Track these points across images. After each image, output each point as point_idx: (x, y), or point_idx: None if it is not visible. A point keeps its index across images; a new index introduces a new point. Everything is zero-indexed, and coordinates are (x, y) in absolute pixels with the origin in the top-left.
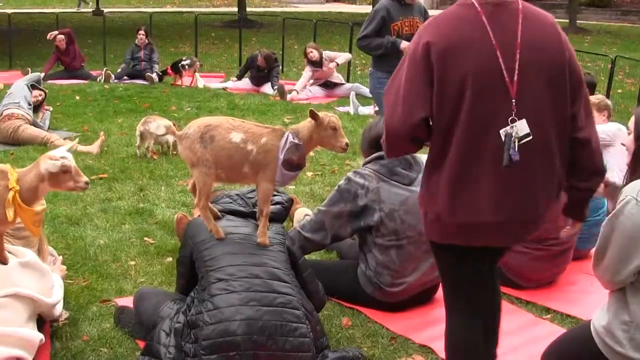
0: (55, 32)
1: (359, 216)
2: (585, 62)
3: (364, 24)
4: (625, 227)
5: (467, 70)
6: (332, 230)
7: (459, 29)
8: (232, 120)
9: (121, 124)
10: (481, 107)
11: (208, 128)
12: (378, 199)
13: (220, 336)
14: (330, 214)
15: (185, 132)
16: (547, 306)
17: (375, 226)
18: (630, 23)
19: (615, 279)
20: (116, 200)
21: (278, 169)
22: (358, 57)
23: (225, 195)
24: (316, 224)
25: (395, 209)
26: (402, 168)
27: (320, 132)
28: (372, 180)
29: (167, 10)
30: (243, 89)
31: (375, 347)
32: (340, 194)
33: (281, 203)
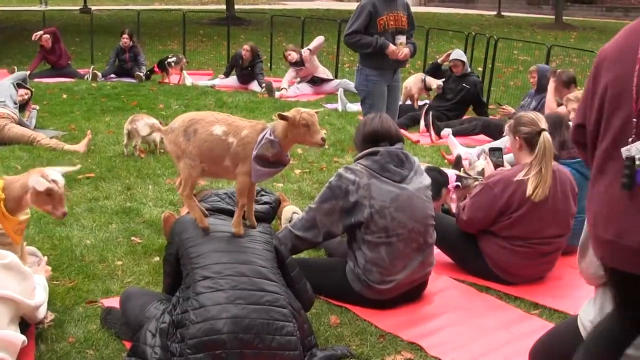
0: (40, 33)
1: (350, 213)
2: (572, 58)
3: (350, 20)
4: None
5: (607, 82)
6: (324, 228)
7: (620, 41)
8: (217, 114)
9: (108, 122)
10: (612, 121)
11: (192, 122)
12: (369, 195)
13: (206, 335)
14: (321, 211)
15: (170, 126)
16: (535, 301)
17: (365, 222)
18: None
19: (598, 273)
20: (103, 199)
21: (252, 163)
22: (346, 53)
23: (213, 193)
24: (308, 222)
25: (385, 205)
26: (394, 165)
27: (293, 130)
28: (363, 176)
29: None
30: (231, 86)
31: (364, 345)
32: (332, 190)
33: (269, 203)
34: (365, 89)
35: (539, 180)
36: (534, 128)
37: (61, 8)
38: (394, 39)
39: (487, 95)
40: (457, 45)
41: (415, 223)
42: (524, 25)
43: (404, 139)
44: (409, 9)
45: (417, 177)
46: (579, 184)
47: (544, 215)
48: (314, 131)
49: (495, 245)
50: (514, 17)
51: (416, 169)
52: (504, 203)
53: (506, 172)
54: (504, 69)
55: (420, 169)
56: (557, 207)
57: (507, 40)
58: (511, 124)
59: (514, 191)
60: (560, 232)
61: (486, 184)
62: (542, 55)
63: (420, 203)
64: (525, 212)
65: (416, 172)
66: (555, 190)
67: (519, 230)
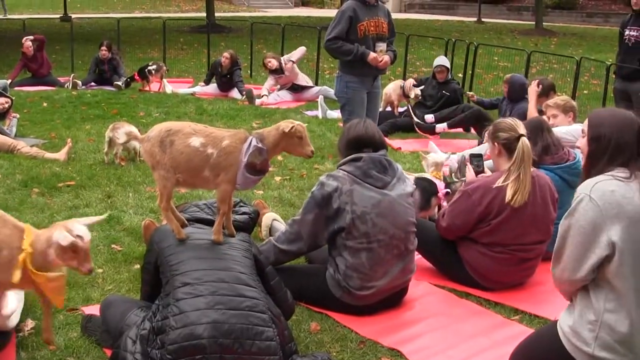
0: (30, 37)
1: (332, 219)
2: (552, 64)
3: (331, 25)
4: (580, 224)
5: None
6: (310, 240)
7: None
8: (195, 125)
9: (89, 130)
10: None
11: (169, 132)
12: (350, 201)
13: (186, 340)
14: (306, 223)
15: (147, 135)
16: (515, 307)
17: (347, 228)
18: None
19: (573, 277)
20: (83, 207)
21: (240, 171)
22: (326, 60)
23: (192, 204)
24: (292, 235)
25: (367, 211)
26: (376, 171)
27: (287, 140)
28: (345, 182)
29: (135, 16)
30: (211, 94)
31: (344, 352)
32: (314, 200)
33: (248, 214)
34: (345, 95)
35: (518, 186)
36: (512, 134)
37: (41, 16)
38: (375, 45)
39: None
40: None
41: (396, 229)
42: (505, 31)
43: (387, 146)
44: (390, 15)
45: (400, 184)
46: (561, 190)
47: (523, 221)
48: (306, 142)
49: (475, 252)
50: (495, 24)
51: (399, 175)
52: (482, 210)
53: (485, 179)
54: (484, 75)
55: (403, 176)
56: (536, 212)
57: (487, 46)
58: (490, 131)
59: (493, 198)
60: (541, 238)
61: (465, 190)
62: (523, 62)
63: (402, 209)
64: (505, 218)
65: (399, 178)
66: (535, 196)
67: (499, 236)
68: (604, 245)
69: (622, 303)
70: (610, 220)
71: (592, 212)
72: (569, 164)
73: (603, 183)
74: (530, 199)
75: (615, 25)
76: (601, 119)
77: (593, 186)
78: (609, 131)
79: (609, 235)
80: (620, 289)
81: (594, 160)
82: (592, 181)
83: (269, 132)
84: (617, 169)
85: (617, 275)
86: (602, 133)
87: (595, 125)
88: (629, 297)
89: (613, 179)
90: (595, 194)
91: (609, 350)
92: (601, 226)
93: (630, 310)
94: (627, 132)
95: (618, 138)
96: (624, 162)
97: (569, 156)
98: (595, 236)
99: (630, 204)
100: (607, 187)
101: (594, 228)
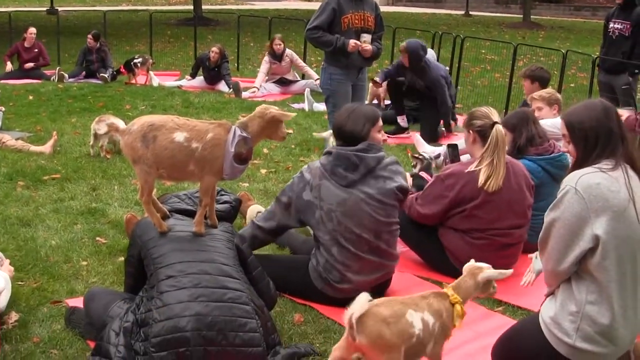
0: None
1: (303, 211)
2: (539, 57)
3: (314, 15)
4: (564, 216)
5: None
6: (282, 220)
7: None
8: (177, 119)
9: (75, 123)
10: None
11: (151, 127)
12: (319, 196)
13: (170, 332)
14: (280, 204)
15: (128, 128)
16: (498, 299)
17: (316, 224)
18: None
19: (557, 269)
20: (68, 200)
21: (228, 162)
22: (313, 53)
23: (173, 195)
24: (269, 214)
25: (332, 209)
26: (342, 169)
27: (270, 126)
28: (315, 176)
29: (122, 9)
30: (198, 87)
31: (327, 343)
32: (291, 185)
33: (229, 202)
34: (330, 87)
35: (491, 171)
36: (486, 121)
37: (27, 9)
38: (359, 38)
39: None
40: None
41: (362, 229)
42: (492, 24)
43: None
44: (378, 9)
45: (377, 181)
46: (545, 182)
47: (499, 205)
48: (283, 126)
49: (455, 239)
50: (482, 17)
51: (378, 173)
52: (455, 195)
53: (458, 165)
54: (472, 68)
55: (387, 172)
56: (512, 197)
57: (474, 39)
58: (465, 119)
59: (466, 183)
60: (518, 223)
61: (438, 176)
62: (510, 54)
63: (371, 209)
64: (480, 203)
65: (377, 175)
66: (510, 182)
67: (476, 222)
68: (588, 238)
69: (603, 295)
70: (595, 213)
71: (578, 204)
72: (552, 155)
73: (589, 176)
74: (506, 184)
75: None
76: (580, 117)
77: (579, 179)
78: (594, 126)
79: (594, 228)
80: (601, 281)
81: (586, 156)
82: (578, 173)
83: (252, 121)
84: (603, 161)
85: (598, 268)
86: (587, 131)
87: (578, 125)
88: (610, 289)
89: (599, 171)
90: (581, 186)
91: (590, 342)
92: (586, 219)
93: (612, 302)
94: (609, 120)
95: (603, 129)
96: (612, 150)
97: (554, 148)
98: (580, 229)
99: (616, 198)
100: (592, 180)
101: (578, 220)
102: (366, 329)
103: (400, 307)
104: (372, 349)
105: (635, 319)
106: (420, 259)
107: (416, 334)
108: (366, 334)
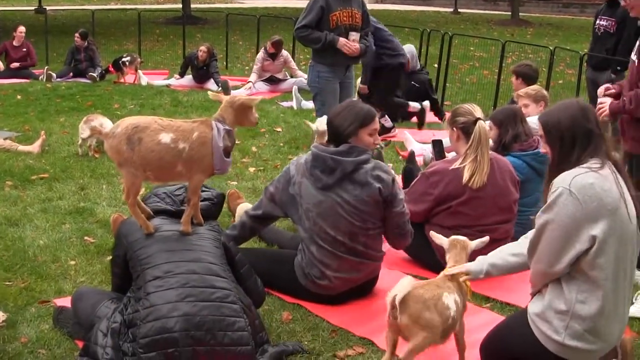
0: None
1: (287, 205)
2: (528, 54)
3: (302, 13)
4: (559, 218)
5: None
6: (267, 209)
7: None
8: (161, 120)
9: (63, 122)
10: None
11: (136, 129)
12: (299, 193)
13: (158, 333)
14: (267, 194)
15: (112, 130)
16: (486, 295)
17: (298, 220)
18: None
19: (549, 270)
20: (57, 199)
21: (217, 157)
22: (302, 51)
23: (152, 194)
24: (259, 202)
25: (309, 208)
26: (319, 171)
27: (242, 113)
28: (299, 172)
29: (110, 8)
30: (187, 85)
31: (315, 341)
32: (279, 178)
33: (210, 199)
34: (317, 85)
35: (475, 168)
36: (469, 118)
37: (15, 8)
38: (347, 36)
39: (442, 92)
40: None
41: (337, 232)
42: (481, 21)
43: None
44: (365, 6)
45: (355, 187)
46: (529, 177)
47: (485, 201)
48: (253, 111)
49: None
50: (471, 14)
51: (357, 178)
52: (440, 192)
53: (442, 162)
54: (460, 66)
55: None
56: (497, 193)
57: (463, 36)
58: (449, 117)
59: (450, 180)
60: (504, 218)
61: (422, 173)
62: (498, 52)
63: (346, 214)
64: (466, 199)
65: (354, 181)
66: (495, 178)
67: (462, 218)
68: (585, 239)
69: (595, 293)
70: (591, 214)
71: (573, 206)
72: (536, 151)
73: (582, 176)
74: (491, 180)
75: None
76: (556, 118)
77: (572, 180)
78: (570, 126)
79: (590, 229)
80: (596, 279)
81: (562, 157)
82: (571, 175)
83: (226, 112)
84: (589, 160)
85: (594, 267)
86: (563, 131)
87: (554, 126)
88: (606, 286)
89: (590, 171)
90: (575, 187)
91: (579, 339)
92: (581, 220)
93: (603, 300)
94: (586, 120)
95: (580, 129)
96: (593, 150)
97: (538, 144)
98: (576, 230)
99: (609, 196)
100: (586, 180)
101: (574, 222)
102: (408, 310)
103: (437, 290)
104: (412, 329)
105: (624, 314)
106: (407, 255)
107: (452, 316)
108: (408, 315)
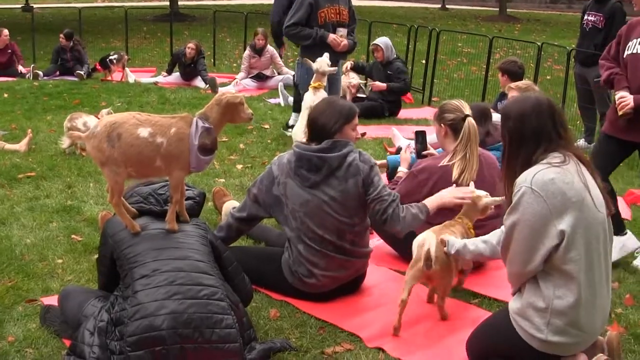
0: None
1: (272, 206)
2: (515, 50)
3: (291, 11)
4: (525, 218)
5: None
6: (252, 211)
7: None
8: (139, 116)
9: (50, 121)
10: None
11: (114, 126)
12: (285, 193)
13: (145, 331)
14: (250, 195)
15: (92, 131)
16: (474, 291)
17: (285, 220)
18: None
19: (523, 270)
20: (44, 198)
21: (193, 154)
22: (290, 48)
23: (135, 193)
24: (243, 204)
25: (296, 208)
26: (305, 170)
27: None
28: (283, 173)
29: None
30: (174, 83)
31: (303, 337)
32: (261, 179)
33: (192, 198)
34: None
35: (464, 165)
36: (458, 114)
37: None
38: (335, 32)
39: (430, 88)
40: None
41: (325, 231)
42: (469, 17)
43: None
44: (350, 3)
45: (340, 182)
46: None
47: None
48: (246, 107)
49: None
50: (459, 10)
51: (340, 173)
52: (429, 190)
53: (431, 160)
54: (448, 62)
55: (347, 173)
56: (485, 188)
57: (450, 32)
58: (436, 113)
59: (439, 178)
60: (492, 214)
61: (411, 171)
62: (486, 47)
63: (333, 211)
64: None
65: (339, 176)
66: (483, 174)
67: (450, 216)
68: (553, 235)
69: (571, 287)
70: (556, 209)
71: (537, 203)
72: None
73: (542, 173)
74: (479, 176)
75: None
76: (507, 112)
77: (533, 177)
78: (518, 120)
79: (557, 224)
80: (570, 272)
81: (513, 151)
82: (531, 173)
83: (211, 109)
84: (549, 156)
85: (567, 261)
86: (511, 125)
87: (504, 119)
88: (580, 279)
89: (550, 166)
90: (536, 184)
91: (562, 334)
92: (547, 217)
93: (581, 293)
94: (538, 116)
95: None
96: (549, 146)
97: None
98: (543, 227)
99: (572, 189)
100: (547, 176)
101: (540, 219)
102: (438, 259)
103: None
104: (440, 274)
105: (603, 304)
106: (395, 252)
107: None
108: (439, 263)
